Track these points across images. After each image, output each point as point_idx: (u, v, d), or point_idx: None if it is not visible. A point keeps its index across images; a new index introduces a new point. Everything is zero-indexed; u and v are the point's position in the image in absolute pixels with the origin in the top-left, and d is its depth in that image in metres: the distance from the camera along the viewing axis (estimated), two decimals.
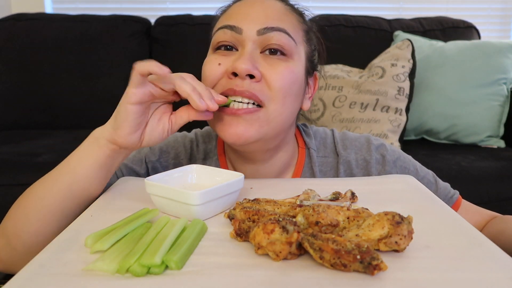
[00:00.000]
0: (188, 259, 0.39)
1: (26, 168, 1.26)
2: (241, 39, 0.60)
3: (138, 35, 1.90)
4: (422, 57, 1.63)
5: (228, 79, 0.59)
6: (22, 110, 1.81)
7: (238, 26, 0.60)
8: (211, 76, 0.61)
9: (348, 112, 1.51)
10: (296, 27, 0.64)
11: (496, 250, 0.40)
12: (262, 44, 0.60)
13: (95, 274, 0.36)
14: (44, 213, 0.56)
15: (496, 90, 1.58)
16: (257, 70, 0.58)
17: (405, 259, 0.38)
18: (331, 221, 0.41)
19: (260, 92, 0.59)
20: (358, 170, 0.72)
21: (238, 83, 0.58)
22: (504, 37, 2.30)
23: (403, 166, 0.72)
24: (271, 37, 0.60)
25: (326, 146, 0.74)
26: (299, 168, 0.72)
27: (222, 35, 0.62)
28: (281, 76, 0.59)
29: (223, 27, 0.62)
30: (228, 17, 0.63)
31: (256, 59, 0.59)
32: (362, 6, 2.26)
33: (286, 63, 0.61)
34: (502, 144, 1.58)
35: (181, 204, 0.48)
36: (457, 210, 0.71)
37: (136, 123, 0.54)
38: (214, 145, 0.76)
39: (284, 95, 0.60)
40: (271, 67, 0.60)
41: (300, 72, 0.63)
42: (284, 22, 0.62)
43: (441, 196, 0.71)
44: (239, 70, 0.57)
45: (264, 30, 0.60)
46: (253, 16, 0.61)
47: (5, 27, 1.86)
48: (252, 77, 0.59)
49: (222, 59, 0.61)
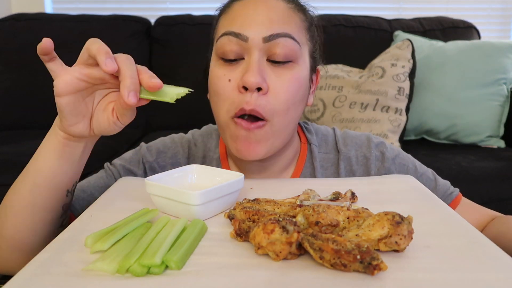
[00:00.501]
0: (188, 259, 0.39)
1: None
2: (247, 47, 0.60)
3: (138, 35, 1.90)
4: (422, 57, 1.63)
5: (239, 93, 0.60)
6: (22, 110, 1.81)
7: (244, 34, 0.60)
8: (224, 94, 0.62)
9: (348, 112, 1.51)
10: (300, 27, 0.64)
11: (496, 250, 0.40)
12: (268, 51, 0.61)
13: (95, 274, 0.36)
14: (18, 207, 0.56)
15: (496, 90, 1.58)
16: (265, 83, 0.60)
17: (405, 259, 0.38)
18: (331, 221, 0.41)
19: (265, 107, 0.60)
20: (357, 167, 0.73)
21: (248, 100, 0.59)
22: (504, 37, 2.30)
23: (402, 163, 0.73)
24: (276, 44, 0.60)
25: (328, 143, 0.76)
26: (301, 163, 0.74)
27: (227, 43, 0.61)
28: (286, 88, 0.61)
29: (228, 33, 0.61)
30: (231, 21, 0.63)
31: (264, 69, 0.60)
32: (362, 6, 2.26)
33: (292, 71, 0.62)
34: (502, 144, 1.58)
35: (181, 204, 0.48)
36: (456, 207, 0.71)
37: (74, 115, 0.51)
38: (215, 144, 0.76)
39: (288, 106, 0.62)
40: (278, 78, 0.61)
41: (305, 76, 0.65)
42: (289, 24, 0.62)
43: (440, 193, 0.72)
44: (249, 84, 0.58)
45: (270, 37, 0.60)
46: (257, 21, 0.60)
47: (5, 27, 1.86)
48: (260, 89, 0.60)
49: (231, 74, 0.62)
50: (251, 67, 0.59)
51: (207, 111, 0.71)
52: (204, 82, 0.69)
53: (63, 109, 0.50)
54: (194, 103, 1.62)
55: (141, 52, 1.88)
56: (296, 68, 0.62)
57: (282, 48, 0.60)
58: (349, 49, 1.80)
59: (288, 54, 0.61)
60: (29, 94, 1.81)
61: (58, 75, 0.50)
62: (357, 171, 0.73)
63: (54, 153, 0.55)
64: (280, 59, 0.61)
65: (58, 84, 0.49)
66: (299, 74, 0.63)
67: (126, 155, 0.75)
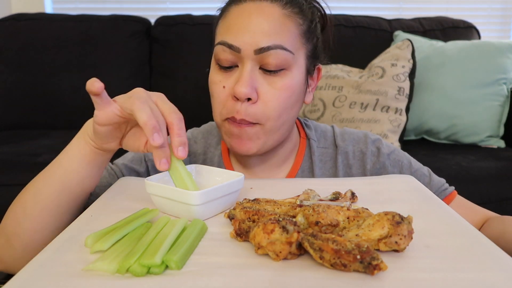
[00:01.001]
0: (188, 259, 0.39)
1: (26, 168, 1.26)
2: (240, 57, 0.63)
3: (138, 35, 1.90)
4: (422, 57, 1.63)
5: (232, 100, 0.64)
6: (22, 110, 1.81)
7: (236, 46, 0.62)
8: (219, 98, 0.66)
9: (348, 112, 1.51)
10: (294, 35, 0.64)
11: (496, 250, 0.40)
12: (260, 61, 0.63)
13: (95, 274, 0.36)
14: (40, 209, 0.57)
15: (496, 90, 1.58)
16: (255, 93, 0.63)
17: (405, 259, 0.38)
18: (331, 221, 0.41)
19: (256, 115, 0.63)
20: (354, 161, 0.75)
21: (238, 109, 0.63)
22: (504, 37, 2.30)
23: (397, 159, 0.75)
24: (268, 55, 0.62)
25: (327, 139, 0.78)
26: (300, 157, 0.76)
27: (222, 52, 0.64)
28: (277, 97, 0.64)
29: (222, 43, 0.63)
30: (226, 29, 0.64)
31: (256, 79, 0.63)
32: (362, 6, 2.26)
33: (284, 79, 0.64)
34: (502, 144, 1.58)
35: (181, 204, 0.48)
36: (449, 203, 0.72)
37: (109, 138, 0.55)
38: (216, 141, 0.78)
39: (279, 113, 0.65)
40: (269, 86, 0.64)
41: (298, 81, 0.66)
42: (281, 34, 0.63)
43: (433, 188, 0.73)
44: (238, 95, 0.62)
45: (261, 50, 0.61)
46: (250, 33, 0.62)
47: (5, 27, 1.86)
48: (249, 99, 0.63)
49: (225, 81, 0.65)
50: (242, 78, 0.62)
51: (207, 110, 0.71)
52: (205, 82, 0.69)
53: (100, 135, 0.54)
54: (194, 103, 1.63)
55: (141, 52, 1.88)
56: (289, 75, 0.64)
57: (274, 59, 0.62)
58: (349, 49, 1.80)
59: (280, 64, 0.63)
60: (29, 94, 1.81)
61: (100, 108, 0.51)
62: (354, 165, 0.75)
63: (84, 159, 0.57)
64: (272, 69, 0.63)
65: (99, 115, 0.52)
66: (292, 81, 0.65)
67: (127, 155, 0.77)
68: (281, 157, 0.75)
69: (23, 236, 0.57)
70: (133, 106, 0.48)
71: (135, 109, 0.47)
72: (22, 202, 0.58)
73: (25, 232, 0.57)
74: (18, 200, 0.59)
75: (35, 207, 0.57)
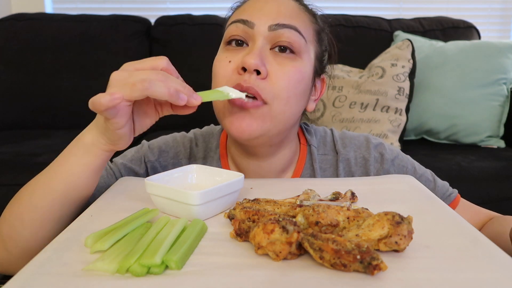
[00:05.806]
0: (188, 259, 0.39)
1: (26, 168, 1.26)
2: (253, 34, 0.61)
3: (138, 35, 1.90)
4: (422, 57, 1.63)
5: (238, 74, 0.60)
6: (22, 110, 1.82)
7: (251, 21, 0.61)
8: (222, 73, 0.62)
9: (348, 112, 1.51)
10: (307, 26, 0.65)
11: (496, 250, 0.40)
12: (272, 40, 0.61)
13: (95, 274, 0.36)
14: (40, 219, 0.55)
15: (496, 90, 1.58)
16: (264, 67, 0.59)
17: (405, 259, 0.38)
18: (331, 221, 0.41)
19: (264, 90, 0.59)
20: (357, 168, 0.73)
21: (246, 78, 0.58)
22: (504, 37, 2.30)
23: (401, 165, 0.73)
24: (281, 33, 0.60)
25: (326, 144, 0.75)
26: (301, 165, 0.73)
27: (234, 29, 0.62)
28: (287, 76, 0.60)
29: (236, 21, 0.63)
30: (241, 12, 0.64)
31: (265, 56, 0.60)
32: (362, 6, 2.26)
33: (294, 62, 0.62)
34: (502, 144, 1.58)
35: (181, 204, 0.48)
36: (454, 208, 0.71)
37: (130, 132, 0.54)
38: (216, 144, 0.76)
39: (288, 94, 0.60)
40: (279, 65, 0.60)
41: (307, 72, 0.64)
42: (296, 20, 0.63)
43: (438, 194, 0.72)
44: (247, 64, 0.58)
45: (276, 26, 0.60)
46: (265, 12, 0.62)
47: (5, 27, 1.86)
48: (259, 73, 0.59)
49: (232, 56, 0.62)
50: (253, 50, 0.59)
51: (209, 112, 0.71)
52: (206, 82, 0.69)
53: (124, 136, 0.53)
54: None
55: (141, 52, 1.88)
56: (299, 61, 0.62)
57: (287, 39, 0.61)
58: (349, 49, 1.80)
59: (292, 44, 0.61)
60: (29, 94, 1.81)
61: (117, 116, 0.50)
62: (356, 172, 0.73)
63: (91, 170, 0.56)
64: (284, 44, 0.61)
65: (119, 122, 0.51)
66: (302, 68, 0.62)
67: (127, 154, 0.75)
68: (280, 165, 0.71)
69: (20, 242, 0.56)
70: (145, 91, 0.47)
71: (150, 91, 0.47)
72: (18, 210, 0.56)
73: (23, 238, 0.56)
74: (14, 207, 0.57)
75: (35, 218, 0.55)
